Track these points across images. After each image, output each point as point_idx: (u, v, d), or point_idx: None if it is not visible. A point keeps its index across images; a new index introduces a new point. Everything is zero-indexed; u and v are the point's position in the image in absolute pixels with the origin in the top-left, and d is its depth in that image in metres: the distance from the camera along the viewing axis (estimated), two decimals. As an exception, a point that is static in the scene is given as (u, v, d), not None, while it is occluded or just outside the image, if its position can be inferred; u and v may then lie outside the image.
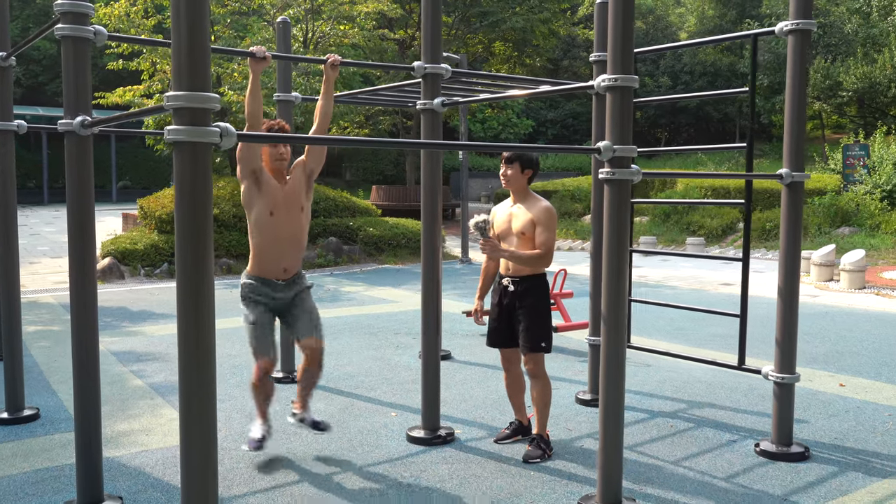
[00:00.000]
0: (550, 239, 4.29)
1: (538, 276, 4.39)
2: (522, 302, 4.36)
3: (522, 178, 4.40)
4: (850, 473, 4.21)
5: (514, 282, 4.40)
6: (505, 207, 4.50)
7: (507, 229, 4.42)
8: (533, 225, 4.30)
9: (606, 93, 3.54)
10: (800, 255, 4.57)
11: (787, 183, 4.45)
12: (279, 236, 4.27)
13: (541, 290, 4.38)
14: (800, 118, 4.43)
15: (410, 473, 4.18)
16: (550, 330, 4.40)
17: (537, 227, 4.28)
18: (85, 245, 3.64)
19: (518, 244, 4.35)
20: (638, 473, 4.19)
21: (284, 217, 4.27)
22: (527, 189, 4.43)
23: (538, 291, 4.37)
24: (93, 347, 3.70)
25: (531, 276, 4.37)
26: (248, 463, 4.32)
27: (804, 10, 4.31)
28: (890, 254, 14.18)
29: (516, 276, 4.39)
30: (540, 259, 4.26)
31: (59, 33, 3.50)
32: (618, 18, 3.45)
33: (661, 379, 6.20)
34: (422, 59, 4.61)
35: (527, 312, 4.34)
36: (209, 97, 2.40)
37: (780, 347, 4.52)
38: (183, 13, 2.37)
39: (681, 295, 10.99)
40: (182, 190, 2.46)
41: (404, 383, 6.10)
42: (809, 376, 6.26)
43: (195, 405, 2.54)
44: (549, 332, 4.38)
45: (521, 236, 4.34)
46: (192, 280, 2.49)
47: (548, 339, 4.37)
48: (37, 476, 4.14)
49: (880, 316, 9.20)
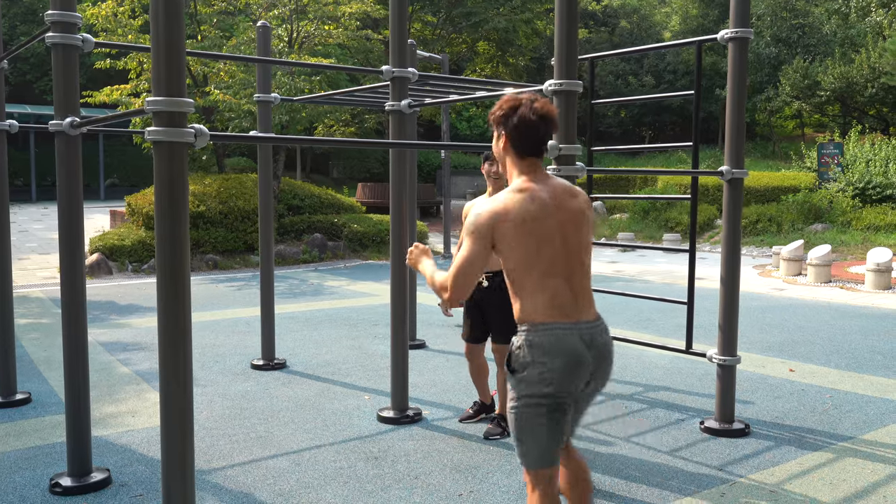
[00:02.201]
0: None
1: None
2: (494, 297, 4.59)
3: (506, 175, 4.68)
4: (785, 447, 4.56)
5: (487, 277, 4.67)
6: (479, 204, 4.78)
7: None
8: None
9: (553, 96, 3.86)
10: (739, 245, 4.91)
11: (728, 179, 4.79)
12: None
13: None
14: (739, 119, 4.78)
15: (379, 449, 4.50)
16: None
17: None
18: (75, 236, 3.95)
19: None
20: (584, 451, 4.53)
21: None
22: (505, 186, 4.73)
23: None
24: (82, 334, 4.00)
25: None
26: (227, 440, 4.64)
27: (742, 20, 4.66)
28: (859, 249, 14.61)
29: (489, 271, 4.65)
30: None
31: (50, 41, 3.80)
32: (562, 27, 3.77)
33: (622, 365, 6.54)
34: (390, 63, 4.93)
35: (500, 306, 4.51)
36: (184, 102, 2.71)
37: (723, 332, 4.87)
38: (161, 29, 2.68)
39: (653, 288, 11.35)
40: (161, 183, 2.77)
41: (379, 370, 6.42)
42: (762, 363, 6.62)
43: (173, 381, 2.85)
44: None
45: None
46: (169, 262, 2.80)
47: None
48: (29, 453, 4.44)
49: (840, 308, 9.59)
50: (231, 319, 8.65)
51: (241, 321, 8.52)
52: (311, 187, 17.22)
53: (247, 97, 14.89)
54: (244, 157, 27.72)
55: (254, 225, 14.18)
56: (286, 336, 7.70)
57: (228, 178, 15.33)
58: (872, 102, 27.04)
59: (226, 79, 14.89)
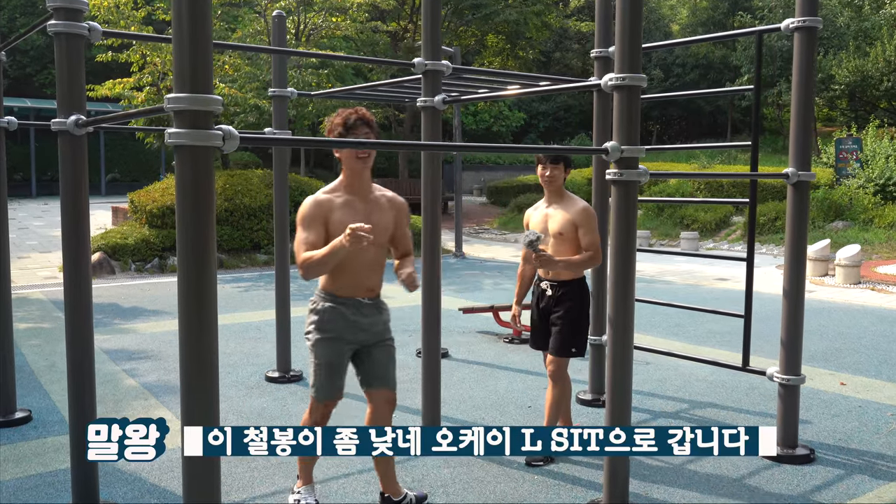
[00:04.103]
0: (596, 239, 4.25)
1: (577, 279, 4.35)
2: (559, 306, 4.33)
3: (563, 177, 4.35)
4: (856, 476, 4.17)
5: (552, 286, 4.36)
6: (540, 209, 4.44)
7: (544, 231, 4.36)
8: (573, 226, 4.24)
9: (613, 92, 3.46)
10: (805, 254, 4.51)
11: (794, 182, 4.39)
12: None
13: (578, 295, 4.33)
14: (806, 116, 4.37)
15: (412, 478, 4.11)
16: (585, 336, 4.37)
17: (579, 229, 4.23)
18: (80, 244, 3.55)
19: (555, 245, 4.28)
20: (643, 476, 4.14)
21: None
22: (563, 188, 4.37)
23: (575, 295, 4.32)
24: (88, 351, 3.61)
25: (570, 280, 4.33)
26: (246, 467, 4.25)
27: (810, 7, 4.24)
28: (884, 248, 14.21)
29: (554, 280, 4.35)
30: (591, 260, 4.23)
31: (53, 30, 3.39)
32: (626, 16, 3.37)
33: (661, 378, 6.15)
34: (422, 56, 4.52)
35: (561, 316, 4.30)
36: (212, 99, 2.31)
37: (786, 348, 4.47)
38: (185, 12, 2.27)
39: (676, 290, 10.96)
40: (184, 193, 2.37)
41: (402, 382, 5.95)
42: (811, 375, 6.21)
43: (197, 415, 2.47)
44: (582, 337, 4.34)
45: (558, 237, 4.27)
46: (194, 286, 2.40)
47: (579, 344, 4.31)
48: (30, 482, 4.05)
49: (877, 312, 9.19)
50: (241, 324, 8.25)
51: (251, 326, 8.13)
52: (317, 183, 16.79)
53: (253, 91, 14.47)
54: (247, 150, 27.27)
55: (260, 223, 13.78)
56: (301, 343, 7.27)
57: (234, 174, 14.91)
58: (887, 96, 26.57)
59: (231, 72, 14.47)
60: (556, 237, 4.29)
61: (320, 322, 3.45)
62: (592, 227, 4.24)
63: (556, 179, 4.31)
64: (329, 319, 3.44)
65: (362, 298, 3.48)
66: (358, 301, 3.47)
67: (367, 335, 3.53)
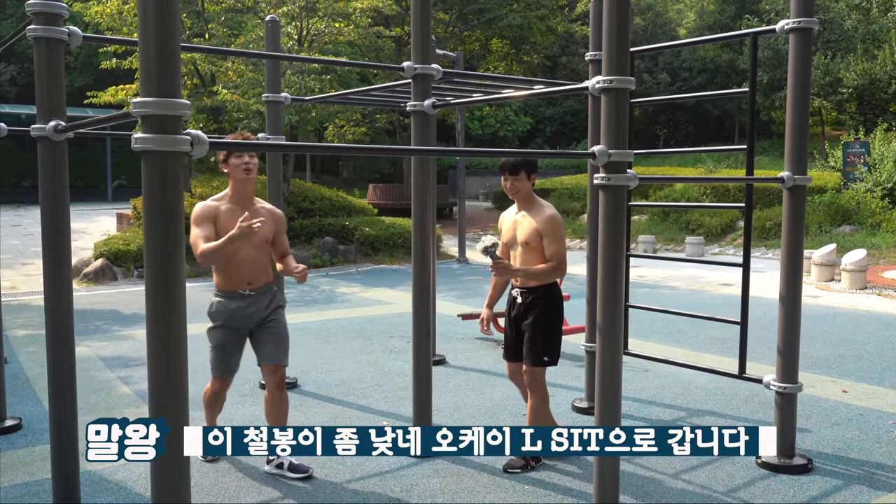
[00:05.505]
0: (560, 249, 4.12)
1: (547, 286, 4.23)
2: (529, 314, 4.22)
3: (529, 185, 4.25)
4: (854, 487, 4.08)
5: (522, 293, 4.26)
6: (511, 214, 4.37)
7: (513, 238, 4.28)
8: (538, 235, 4.13)
9: (601, 94, 3.39)
10: (802, 260, 4.43)
11: (789, 186, 4.31)
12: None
13: (549, 302, 4.21)
14: (802, 119, 4.30)
15: (401, 488, 4.05)
16: (557, 344, 4.23)
17: (544, 238, 4.12)
18: (59, 250, 3.51)
19: (523, 253, 4.20)
20: (636, 487, 4.06)
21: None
22: (532, 194, 4.27)
23: (546, 303, 4.20)
24: (69, 355, 3.57)
25: (539, 287, 4.22)
26: (233, 477, 4.19)
27: (805, 8, 4.17)
28: (891, 253, 14.05)
29: (524, 287, 4.25)
30: (553, 271, 4.11)
31: (32, 34, 3.36)
32: (612, 16, 3.30)
33: (659, 385, 6.07)
34: (412, 59, 4.47)
35: (531, 324, 4.19)
36: (179, 104, 2.26)
37: (783, 356, 4.39)
38: (151, 16, 2.23)
39: (680, 296, 10.86)
40: (152, 199, 2.32)
41: (397, 390, 5.96)
42: (811, 382, 6.12)
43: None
44: (554, 346, 4.21)
45: (525, 246, 4.19)
46: (161, 293, 2.35)
47: (552, 353, 4.19)
48: (15, 492, 4.01)
49: (883, 318, 9.07)
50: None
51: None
52: (321, 189, 16.79)
53: (255, 97, 14.46)
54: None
55: (263, 228, 13.74)
56: (297, 350, 7.21)
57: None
58: (895, 99, 26.36)
59: (234, 78, 14.45)
60: (522, 246, 4.20)
61: (211, 313, 4.13)
62: (557, 236, 4.12)
63: (519, 189, 4.21)
64: (217, 311, 4.11)
65: (243, 291, 4.09)
66: (240, 294, 4.09)
67: (250, 321, 4.13)
